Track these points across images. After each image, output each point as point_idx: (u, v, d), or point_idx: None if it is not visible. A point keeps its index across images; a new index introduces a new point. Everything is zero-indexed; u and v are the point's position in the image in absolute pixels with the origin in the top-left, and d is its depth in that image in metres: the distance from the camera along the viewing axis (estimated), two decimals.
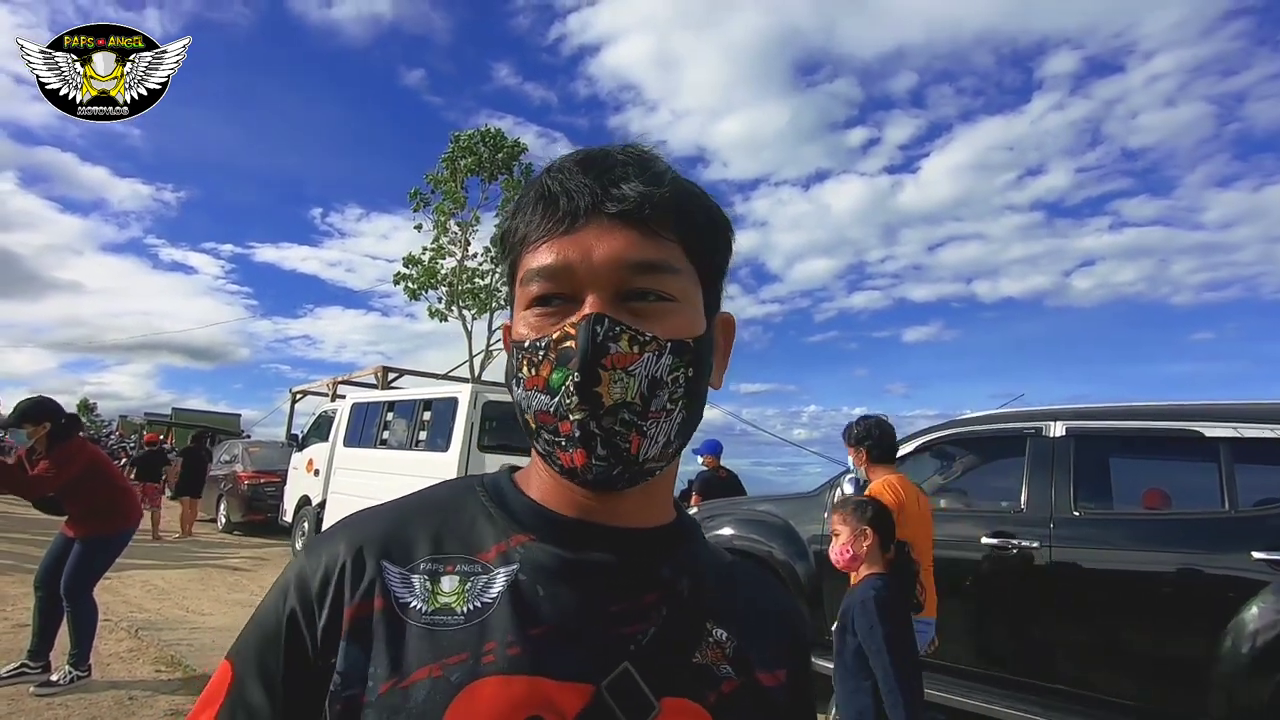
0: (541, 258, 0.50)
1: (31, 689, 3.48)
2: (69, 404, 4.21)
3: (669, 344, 0.49)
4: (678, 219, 0.51)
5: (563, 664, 0.46)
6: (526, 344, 0.50)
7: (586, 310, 0.48)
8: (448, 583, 0.49)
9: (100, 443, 21.35)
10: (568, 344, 0.47)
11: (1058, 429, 3.36)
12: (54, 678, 3.57)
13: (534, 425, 0.50)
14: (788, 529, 4.12)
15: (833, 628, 2.44)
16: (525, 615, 0.48)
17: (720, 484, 6.46)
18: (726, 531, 4.32)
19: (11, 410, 3.83)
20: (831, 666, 2.44)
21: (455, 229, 16.84)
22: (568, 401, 0.47)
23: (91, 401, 44.85)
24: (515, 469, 0.59)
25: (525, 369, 0.49)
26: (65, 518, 3.84)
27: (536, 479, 0.55)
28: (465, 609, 0.48)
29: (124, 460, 16.12)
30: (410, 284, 16.65)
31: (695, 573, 0.55)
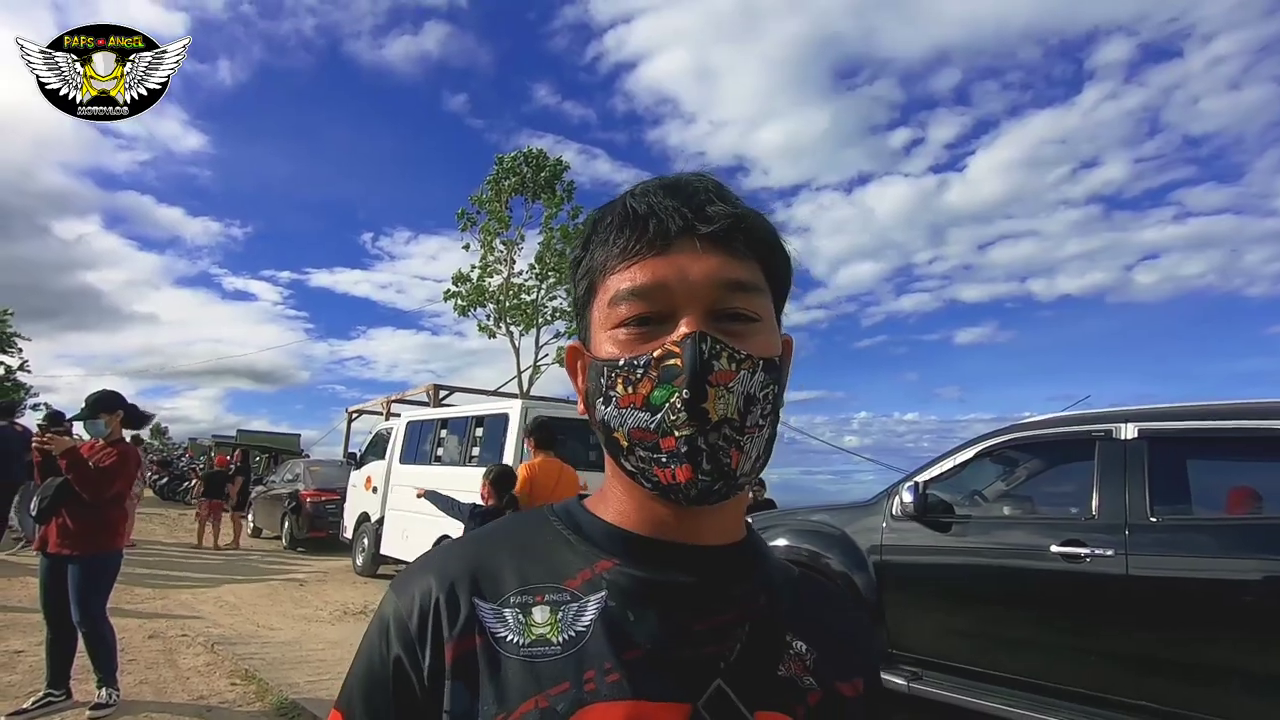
0: (634, 278, 0.51)
1: (86, 714, 3.38)
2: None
3: (761, 362, 0.50)
4: (759, 241, 0.53)
5: (659, 686, 0.47)
6: (621, 362, 0.50)
7: (684, 329, 0.48)
8: (539, 613, 0.50)
9: (172, 464, 22.47)
10: (671, 361, 0.48)
11: (1130, 431, 3.21)
12: (101, 699, 3.46)
13: (626, 443, 0.50)
14: (844, 539, 4.04)
15: None
16: (619, 641, 0.48)
17: None
18: (781, 542, 4.25)
19: (85, 402, 3.59)
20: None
21: (501, 247, 17.17)
22: (673, 418, 0.47)
23: (163, 426, 47.12)
24: (583, 497, 0.60)
25: (621, 387, 0.49)
26: (43, 534, 3.49)
27: (615, 501, 0.55)
28: (561, 639, 0.49)
29: (194, 479, 16.91)
30: (460, 301, 17.02)
31: (771, 587, 0.56)
